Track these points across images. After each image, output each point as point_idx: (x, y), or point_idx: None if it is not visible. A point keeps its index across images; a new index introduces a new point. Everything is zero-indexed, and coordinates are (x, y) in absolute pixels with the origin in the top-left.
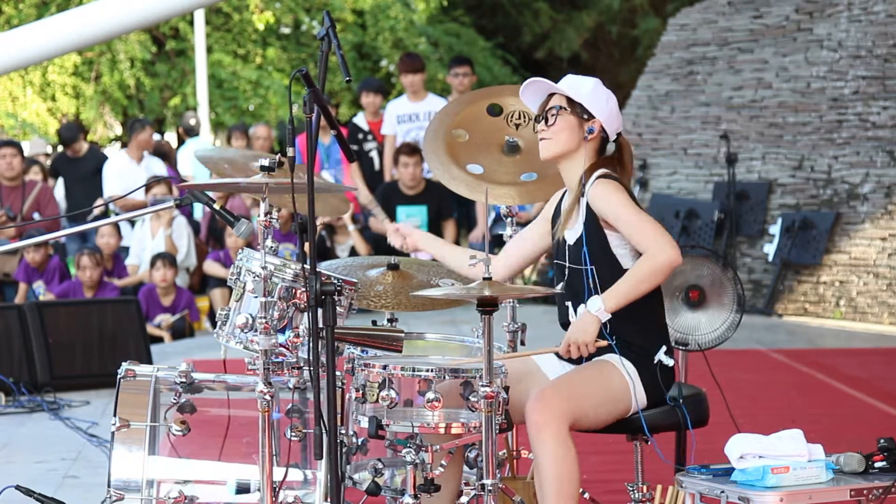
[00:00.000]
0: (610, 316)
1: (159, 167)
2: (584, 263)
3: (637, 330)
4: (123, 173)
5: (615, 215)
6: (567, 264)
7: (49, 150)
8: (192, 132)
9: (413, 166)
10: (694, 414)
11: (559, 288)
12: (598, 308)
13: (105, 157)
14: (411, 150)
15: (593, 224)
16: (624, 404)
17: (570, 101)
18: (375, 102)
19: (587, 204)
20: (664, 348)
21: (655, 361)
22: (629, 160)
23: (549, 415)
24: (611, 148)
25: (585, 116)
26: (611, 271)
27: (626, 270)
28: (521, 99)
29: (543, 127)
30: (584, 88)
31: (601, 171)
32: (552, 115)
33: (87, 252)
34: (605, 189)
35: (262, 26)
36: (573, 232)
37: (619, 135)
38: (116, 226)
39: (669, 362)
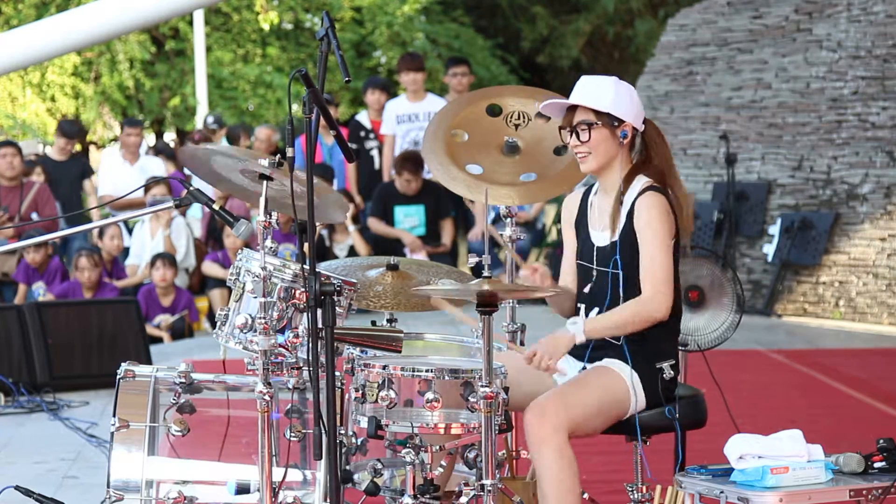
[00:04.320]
0: (584, 340)
1: (156, 167)
2: (613, 268)
3: (649, 335)
4: (116, 173)
5: (643, 236)
6: (595, 267)
7: (40, 149)
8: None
9: (414, 182)
10: (691, 415)
11: (585, 290)
12: (577, 330)
13: (88, 164)
14: (415, 165)
15: (632, 233)
16: (622, 408)
17: (596, 112)
18: (380, 100)
19: (629, 212)
20: (671, 362)
21: (657, 367)
22: (660, 141)
23: (548, 429)
24: (639, 137)
25: (615, 123)
26: (635, 278)
27: None
28: (543, 112)
29: (577, 143)
30: (607, 94)
31: (645, 180)
32: (583, 130)
33: (84, 253)
34: (650, 204)
35: (266, 26)
36: (606, 235)
37: (645, 120)
38: (120, 227)
39: (670, 374)
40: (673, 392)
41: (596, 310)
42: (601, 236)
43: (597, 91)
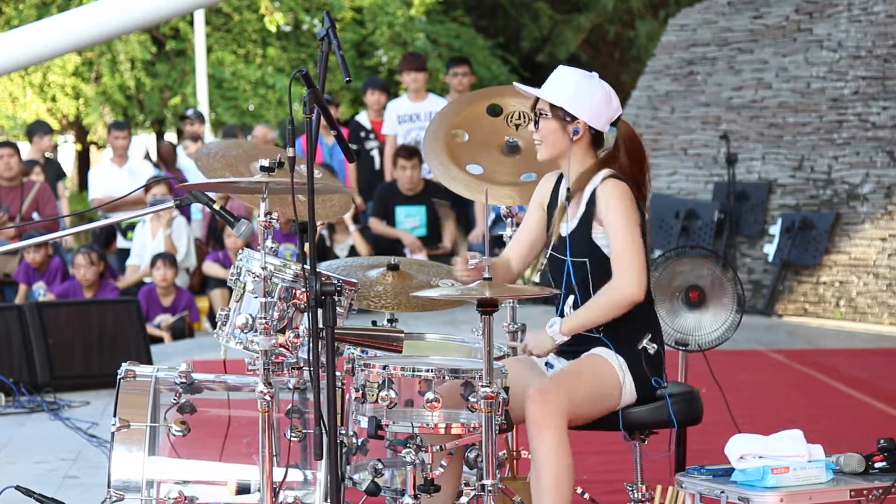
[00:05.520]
0: (565, 339)
1: (146, 169)
2: (569, 256)
3: (624, 316)
4: (105, 178)
5: (609, 221)
6: (551, 252)
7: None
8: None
9: (411, 169)
10: (686, 412)
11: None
12: (555, 331)
13: (61, 167)
14: (409, 153)
15: (589, 222)
16: (615, 397)
17: (551, 105)
18: (380, 101)
19: (588, 201)
20: (648, 336)
21: (640, 348)
22: (631, 147)
23: (549, 411)
24: (610, 138)
25: (568, 119)
26: (599, 263)
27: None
28: (519, 91)
29: (533, 129)
30: (566, 89)
31: (606, 171)
32: (537, 119)
33: (82, 251)
34: (612, 190)
35: (273, 28)
36: (567, 225)
37: (618, 120)
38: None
39: (653, 348)
40: (660, 368)
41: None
42: (563, 227)
43: (557, 84)
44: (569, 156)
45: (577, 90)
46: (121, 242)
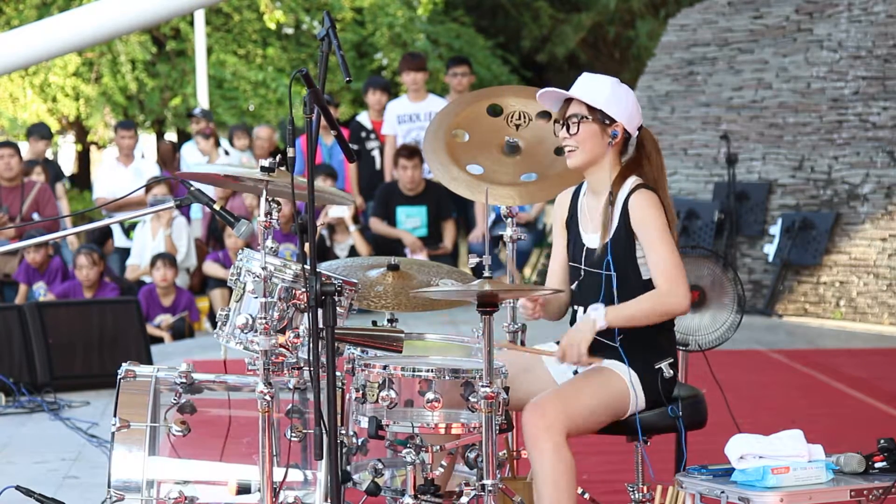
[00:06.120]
0: (606, 325)
1: (151, 169)
2: (605, 269)
3: (646, 334)
4: (110, 178)
5: (646, 233)
6: (583, 267)
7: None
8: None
9: (412, 169)
10: (691, 415)
11: (573, 287)
12: (599, 315)
13: (60, 168)
14: (410, 152)
15: (624, 232)
16: (622, 408)
17: (589, 107)
18: (381, 101)
19: (621, 212)
20: (669, 360)
21: (656, 368)
22: (654, 150)
23: (545, 425)
24: (633, 142)
25: (607, 122)
26: (633, 278)
27: (645, 281)
28: (539, 101)
29: (566, 135)
30: (603, 92)
31: (634, 179)
32: (573, 123)
33: (84, 251)
34: (644, 202)
35: (273, 26)
36: (597, 237)
37: (640, 127)
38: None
39: (669, 374)
40: (672, 392)
41: (581, 309)
42: (592, 238)
43: (593, 87)
44: (608, 161)
45: (612, 93)
46: (122, 242)
